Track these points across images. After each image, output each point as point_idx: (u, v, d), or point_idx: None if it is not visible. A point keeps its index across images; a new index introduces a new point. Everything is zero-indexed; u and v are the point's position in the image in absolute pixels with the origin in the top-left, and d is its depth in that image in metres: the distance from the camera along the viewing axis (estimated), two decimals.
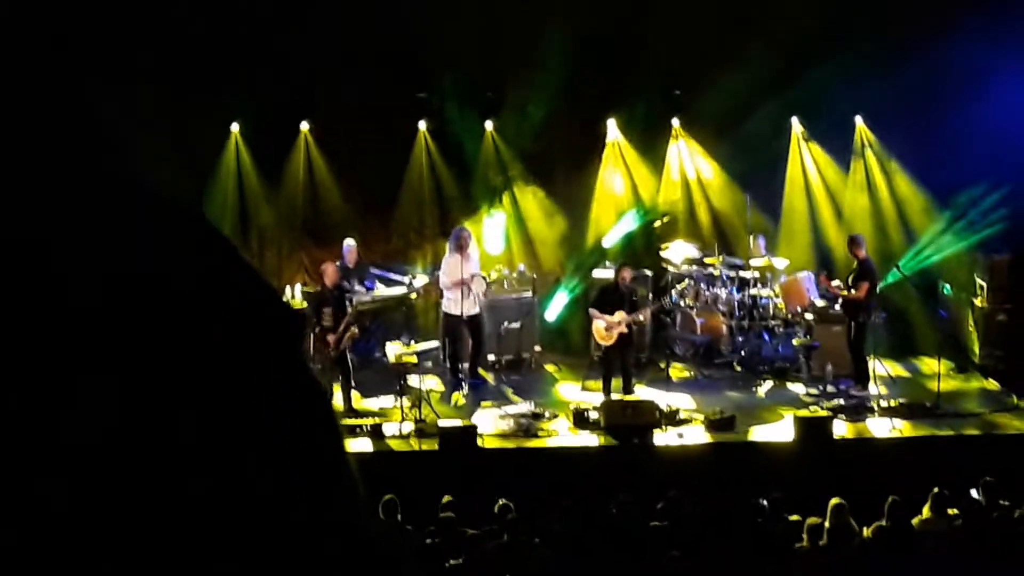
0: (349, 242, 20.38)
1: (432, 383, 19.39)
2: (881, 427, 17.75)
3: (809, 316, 20.02)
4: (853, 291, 18.93)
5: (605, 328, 18.68)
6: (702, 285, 20.84)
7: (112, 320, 1.29)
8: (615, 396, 18.27)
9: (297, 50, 20.90)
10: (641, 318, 19.18)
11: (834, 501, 13.41)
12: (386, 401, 18.58)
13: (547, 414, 18.05)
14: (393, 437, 17.28)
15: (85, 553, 1.24)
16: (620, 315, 18.61)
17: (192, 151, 21.11)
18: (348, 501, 1.43)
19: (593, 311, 18.96)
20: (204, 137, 21.38)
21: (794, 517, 13.78)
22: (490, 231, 21.81)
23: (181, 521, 1.27)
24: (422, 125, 22.10)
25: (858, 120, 22.26)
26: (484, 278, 19.77)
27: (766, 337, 20.48)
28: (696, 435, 17.42)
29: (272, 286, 1.47)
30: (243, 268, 1.44)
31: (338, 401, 18.16)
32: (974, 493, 14.31)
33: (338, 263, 19.34)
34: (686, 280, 20.96)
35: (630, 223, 22.28)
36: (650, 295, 20.59)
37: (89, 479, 1.25)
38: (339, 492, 1.42)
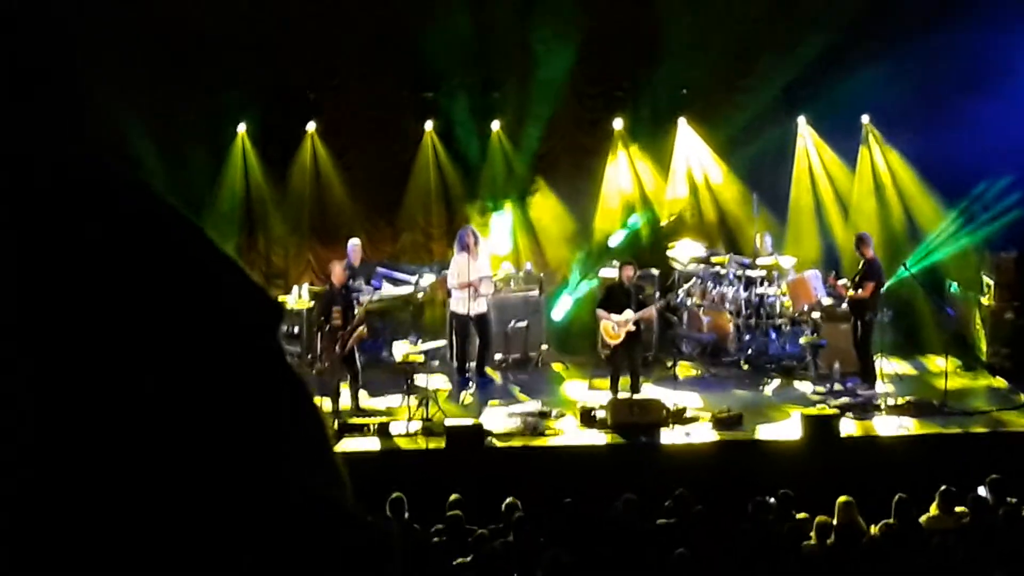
0: (354, 241, 20.38)
1: (439, 382, 19.40)
2: (888, 425, 17.74)
3: (816, 314, 20.00)
4: (859, 291, 18.92)
5: (612, 327, 18.69)
6: (709, 284, 20.84)
7: (83, 310, 1.30)
8: (622, 395, 18.27)
9: (304, 50, 20.94)
10: (648, 316, 19.17)
11: (842, 499, 13.40)
12: (393, 400, 18.58)
13: (554, 413, 18.05)
14: (400, 436, 17.29)
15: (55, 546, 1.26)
16: (627, 314, 18.61)
17: (199, 151, 21.12)
18: (331, 490, 1.43)
19: (600, 311, 18.95)
20: (211, 138, 21.39)
21: (802, 515, 13.77)
22: (497, 230, 21.81)
23: (155, 508, 1.28)
24: (428, 125, 22.10)
25: (865, 119, 22.25)
26: (492, 280, 19.77)
27: (773, 335, 20.47)
28: (703, 433, 17.41)
29: (251, 277, 1.47)
30: (219, 258, 1.44)
31: (346, 400, 18.19)
32: (981, 491, 14.30)
33: (344, 262, 19.35)
34: (693, 279, 20.97)
35: (636, 222, 22.28)
36: (657, 293, 20.58)
37: (59, 472, 1.26)
38: (322, 481, 1.42)
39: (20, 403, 1.26)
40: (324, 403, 17.72)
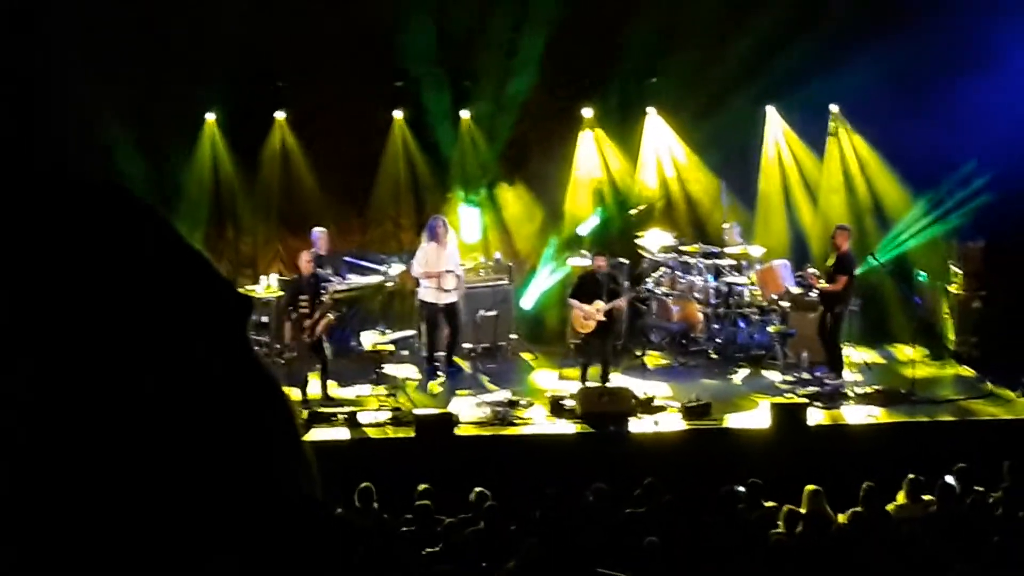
0: (320, 230, 20.29)
1: (408, 371, 19.40)
2: (856, 414, 17.82)
3: (784, 304, 20.04)
4: (832, 283, 18.93)
5: (584, 317, 18.71)
6: (678, 273, 20.87)
7: (56, 312, 1.29)
8: (592, 384, 18.28)
9: (272, 39, 20.86)
10: (619, 306, 19.20)
11: (810, 487, 13.47)
12: (362, 389, 18.57)
13: (523, 402, 18.06)
14: (369, 425, 17.27)
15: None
16: (598, 304, 18.63)
17: (168, 140, 21.04)
18: (302, 484, 1.43)
19: (572, 300, 18.97)
20: (180, 126, 21.30)
21: (770, 504, 13.82)
22: (466, 219, 21.80)
23: (132, 504, 1.27)
24: (398, 114, 22.06)
25: (833, 108, 22.30)
26: (458, 275, 19.64)
27: (742, 324, 20.51)
28: (672, 422, 17.45)
29: (219, 270, 1.47)
30: (188, 253, 1.44)
31: (315, 389, 18.16)
32: (949, 479, 14.35)
33: (311, 251, 19.29)
34: (662, 268, 21.01)
35: (605, 211, 22.29)
36: (626, 283, 20.60)
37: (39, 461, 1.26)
38: (292, 475, 1.42)
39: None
40: (293, 392, 17.68)
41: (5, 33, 19.25)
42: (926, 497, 14.04)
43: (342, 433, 17.04)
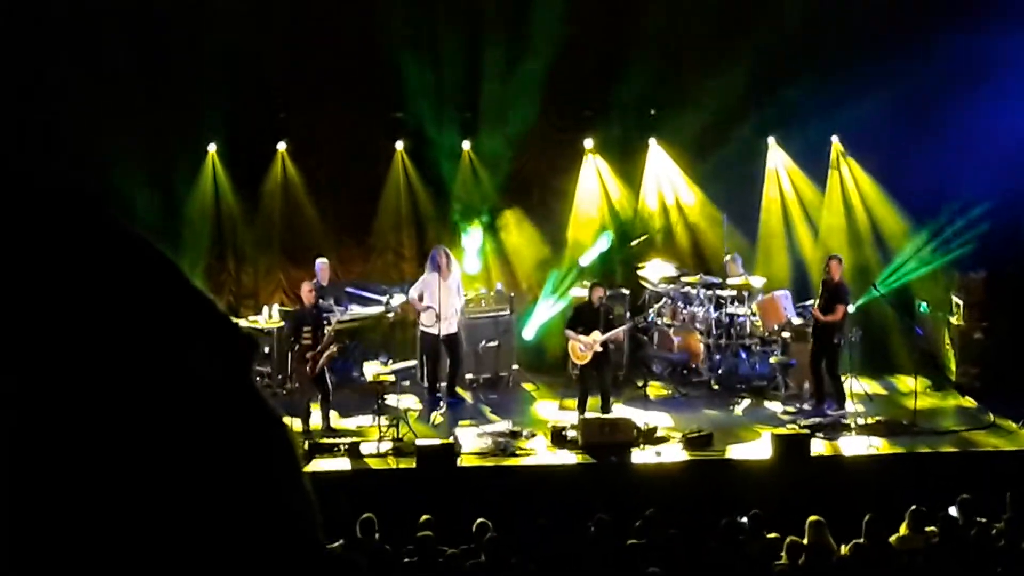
0: (322, 261, 20.31)
1: (410, 402, 19.38)
2: (858, 445, 17.78)
3: (786, 334, 20.03)
4: (831, 315, 18.93)
5: (580, 348, 18.71)
6: (679, 304, 20.87)
7: (63, 349, 1.29)
8: (591, 415, 18.26)
9: (274, 70, 20.94)
10: (616, 337, 19.20)
11: (812, 518, 13.43)
12: (364, 420, 18.54)
13: (525, 432, 18.04)
14: (371, 456, 17.25)
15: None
16: (595, 335, 18.64)
17: (169, 172, 21.06)
18: (302, 521, 1.43)
19: (568, 331, 18.98)
20: (181, 158, 21.33)
21: (772, 535, 13.79)
22: (468, 250, 21.81)
23: (128, 537, 1.27)
24: (399, 145, 22.10)
25: (834, 139, 22.34)
26: (456, 308, 19.65)
27: (743, 355, 20.51)
28: (674, 453, 17.42)
29: (221, 310, 1.47)
30: (193, 295, 1.44)
31: (316, 420, 18.15)
32: (951, 510, 14.33)
33: (313, 282, 19.30)
34: (663, 299, 21.01)
35: (607, 242, 22.30)
36: (627, 314, 20.60)
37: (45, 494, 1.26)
38: (293, 511, 1.42)
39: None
40: (294, 423, 17.67)
41: (9, 64, 19.30)
42: (929, 528, 13.99)
43: (344, 464, 17.02)
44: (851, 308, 19.61)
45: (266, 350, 19.73)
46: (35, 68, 19.39)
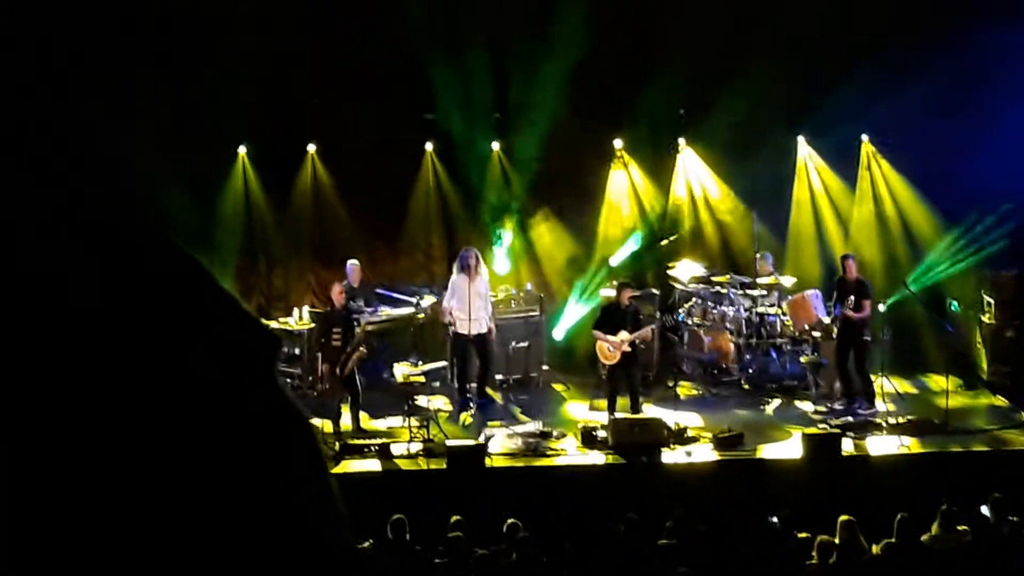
0: (353, 262, 20.38)
1: (440, 403, 19.40)
2: (890, 444, 17.72)
3: (816, 334, 19.98)
4: (860, 312, 18.90)
5: (608, 348, 18.71)
6: (709, 303, 20.84)
7: (88, 345, 1.31)
8: (621, 415, 18.24)
9: (304, 72, 20.98)
10: (644, 336, 19.18)
11: (843, 518, 13.38)
12: (394, 421, 18.57)
13: (555, 433, 18.04)
14: (401, 457, 17.27)
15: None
16: (623, 335, 18.63)
17: (200, 174, 21.13)
18: (325, 517, 1.44)
19: (596, 332, 18.96)
20: (212, 160, 21.41)
21: (803, 534, 13.75)
22: (497, 251, 21.83)
23: (159, 537, 1.28)
24: (429, 146, 22.14)
25: (864, 138, 22.29)
26: (486, 309, 19.69)
27: (773, 355, 20.46)
28: (704, 453, 17.40)
29: (247, 310, 1.49)
30: (217, 293, 1.46)
31: (347, 421, 18.19)
32: (983, 509, 14.27)
33: (344, 283, 19.34)
34: (693, 298, 20.99)
35: (637, 242, 22.29)
36: (657, 313, 20.58)
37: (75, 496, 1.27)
38: (315, 508, 1.43)
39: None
40: (325, 424, 17.73)
41: (34, 72, 19.37)
42: (961, 527, 13.93)
43: (374, 465, 17.05)
44: (882, 307, 19.55)
45: (296, 351, 19.79)
46: (63, 70, 19.45)
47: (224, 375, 1.39)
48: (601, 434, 17.66)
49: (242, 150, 21.73)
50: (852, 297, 19.00)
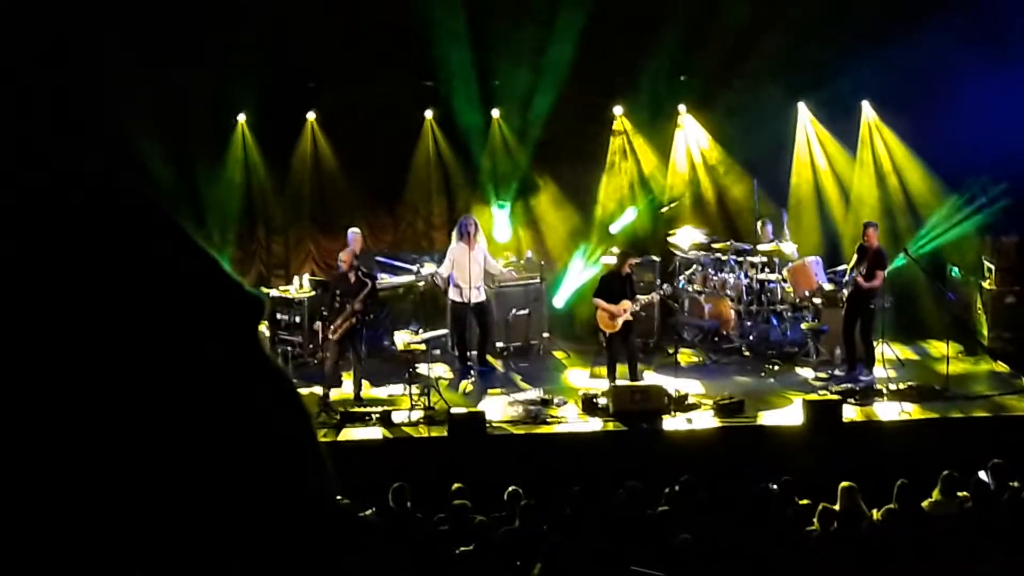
0: (354, 231, 20.34)
1: (441, 370, 19.42)
2: (890, 410, 17.73)
3: (817, 300, 19.99)
4: (873, 281, 18.86)
5: (609, 316, 18.70)
6: (710, 270, 20.83)
7: (67, 309, 1.30)
8: (622, 382, 18.25)
9: (303, 40, 20.91)
10: (652, 301, 19.17)
11: (844, 484, 13.41)
12: (395, 389, 18.58)
13: (556, 400, 18.05)
14: (402, 424, 17.29)
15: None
16: (624, 303, 18.63)
17: (199, 142, 21.10)
18: (317, 482, 1.43)
19: (597, 300, 18.93)
20: (211, 128, 21.37)
21: (804, 501, 13.78)
22: (497, 218, 21.80)
23: (141, 497, 1.27)
24: (428, 114, 22.10)
25: (865, 104, 22.24)
26: (494, 273, 19.74)
27: (774, 322, 20.47)
28: (705, 420, 17.42)
29: (229, 272, 1.47)
30: (199, 254, 1.44)
31: (347, 390, 18.19)
32: (983, 475, 14.30)
33: (350, 250, 19.30)
34: (694, 265, 20.98)
35: (637, 209, 22.27)
36: (657, 281, 20.57)
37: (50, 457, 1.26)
38: (303, 468, 1.43)
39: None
40: (327, 392, 17.76)
41: (38, 36, 19.31)
42: (961, 494, 13.96)
43: (375, 433, 17.07)
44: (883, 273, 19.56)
45: (296, 320, 19.79)
46: (62, 36, 19.38)
47: (206, 337, 1.37)
48: (602, 401, 17.68)
49: (242, 118, 21.69)
50: (865, 265, 18.94)
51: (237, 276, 1.47)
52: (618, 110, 22.41)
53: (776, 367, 19.59)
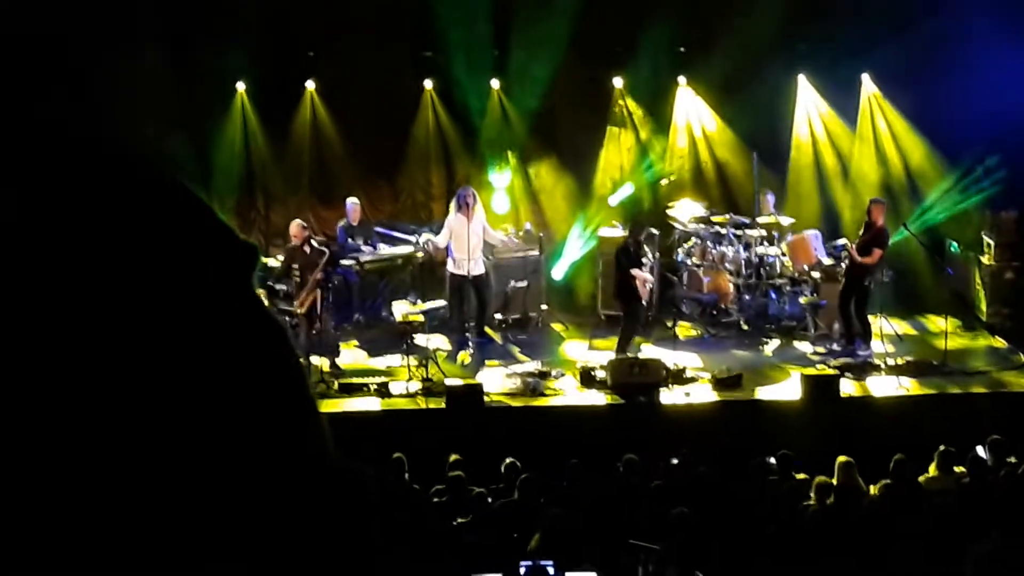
0: (352, 200, 20.35)
1: (439, 342, 19.41)
2: (888, 385, 17.75)
3: (816, 274, 19.98)
4: (867, 257, 18.80)
5: (642, 284, 18.61)
6: (709, 244, 20.80)
7: (57, 263, 1.28)
8: (622, 356, 18.14)
9: (303, 8, 20.85)
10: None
11: (841, 459, 13.44)
12: (393, 360, 18.59)
13: (554, 373, 18.06)
14: (400, 396, 17.30)
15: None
16: (646, 272, 18.72)
17: (198, 111, 21.06)
18: (310, 433, 1.42)
19: (635, 271, 18.62)
20: (210, 96, 21.33)
21: (801, 475, 13.80)
22: (496, 189, 21.77)
23: (140, 459, 1.26)
24: (428, 84, 22.05)
25: (865, 77, 22.18)
26: (496, 243, 19.75)
27: (773, 295, 20.45)
28: (703, 394, 17.43)
29: (223, 220, 1.46)
30: (190, 201, 1.43)
31: (344, 361, 18.22)
32: (980, 451, 14.32)
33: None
34: (693, 239, 20.95)
35: (636, 182, 22.23)
36: (656, 254, 20.55)
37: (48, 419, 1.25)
38: (300, 425, 1.41)
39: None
40: (323, 363, 17.75)
41: (34, 7, 19.26)
42: (958, 469, 13.99)
43: (373, 404, 17.08)
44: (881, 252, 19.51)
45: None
46: (61, 10, 19.32)
47: (200, 283, 1.36)
48: (600, 374, 17.68)
49: (241, 86, 21.63)
50: (865, 239, 18.82)
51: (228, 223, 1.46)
52: (618, 82, 22.34)
53: (774, 341, 19.58)
